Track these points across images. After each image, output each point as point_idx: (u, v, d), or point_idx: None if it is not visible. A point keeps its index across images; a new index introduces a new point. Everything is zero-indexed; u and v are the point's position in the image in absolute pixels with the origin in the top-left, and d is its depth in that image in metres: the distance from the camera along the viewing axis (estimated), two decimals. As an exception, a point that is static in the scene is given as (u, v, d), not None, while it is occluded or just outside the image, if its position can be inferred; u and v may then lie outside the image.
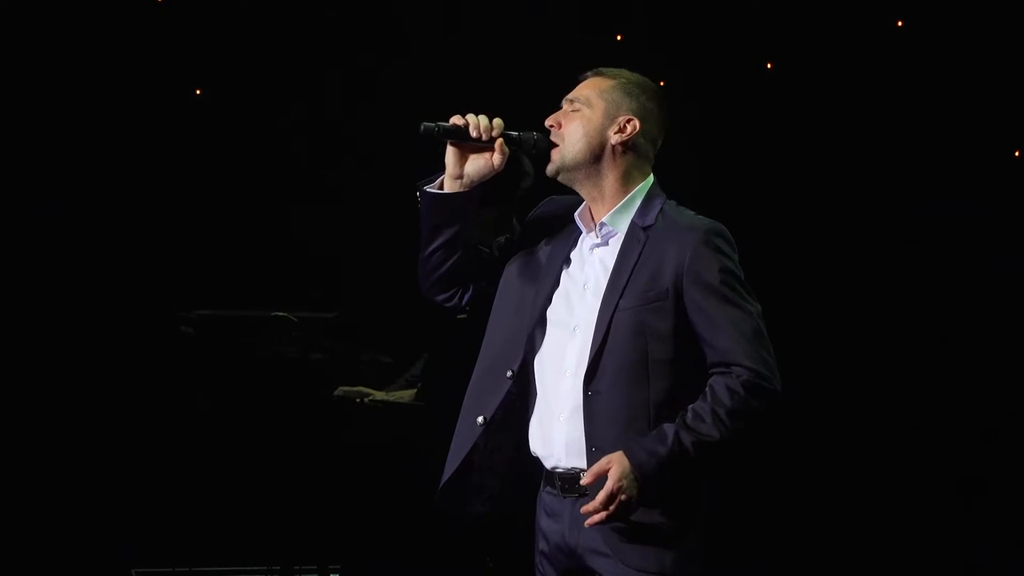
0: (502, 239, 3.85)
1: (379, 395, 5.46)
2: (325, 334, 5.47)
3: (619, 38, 6.94)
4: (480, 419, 3.68)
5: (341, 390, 5.41)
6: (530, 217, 3.85)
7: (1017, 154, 6.99)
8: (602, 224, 3.70)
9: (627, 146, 3.69)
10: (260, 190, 6.77)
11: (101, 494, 6.52)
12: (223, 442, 5.58)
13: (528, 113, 3.91)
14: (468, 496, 3.73)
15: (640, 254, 3.62)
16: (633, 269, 3.61)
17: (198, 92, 6.83)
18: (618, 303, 3.59)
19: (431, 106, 6.59)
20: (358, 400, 5.39)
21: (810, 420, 6.69)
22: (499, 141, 3.71)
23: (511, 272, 3.78)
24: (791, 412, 6.31)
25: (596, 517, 3.49)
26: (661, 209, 3.68)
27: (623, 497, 3.48)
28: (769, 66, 7.07)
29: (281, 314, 5.38)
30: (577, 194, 3.76)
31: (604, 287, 3.63)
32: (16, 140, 6.61)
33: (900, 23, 6.96)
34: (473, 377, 3.77)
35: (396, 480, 5.33)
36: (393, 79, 6.84)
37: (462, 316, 5.35)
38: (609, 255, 3.68)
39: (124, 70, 6.67)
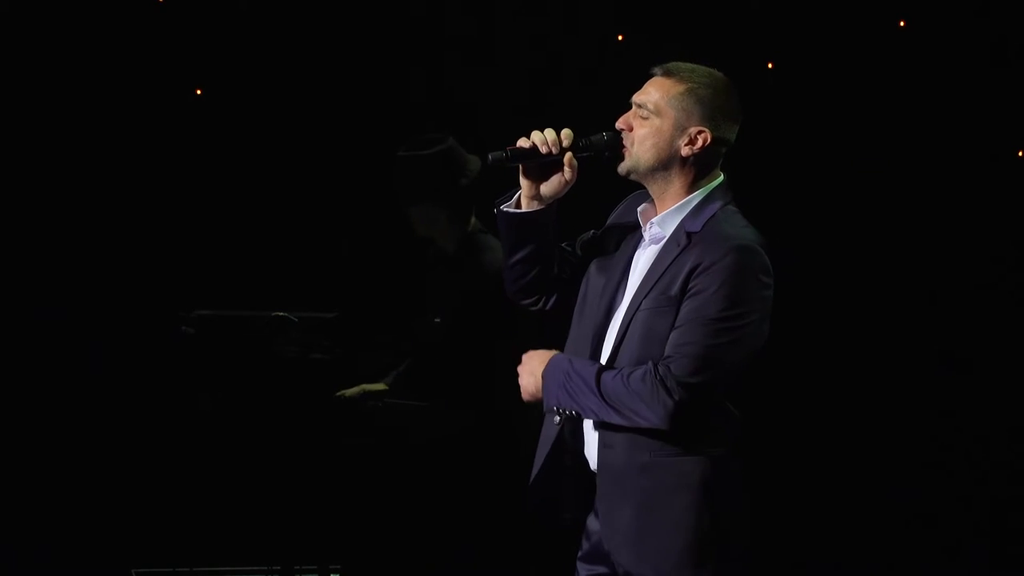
0: (588, 236, 3.86)
1: (377, 387, 5.46)
2: (325, 334, 5.46)
3: (620, 38, 6.93)
4: (557, 418, 3.69)
5: (343, 394, 5.41)
6: (616, 211, 3.86)
7: (1021, 154, 6.98)
8: (651, 224, 3.70)
9: (698, 156, 3.68)
10: (260, 190, 6.76)
11: (101, 494, 6.51)
12: (223, 442, 5.57)
13: (529, 118, 3.90)
14: (559, 502, 3.74)
15: (673, 260, 3.62)
16: (662, 274, 3.62)
17: (198, 92, 6.82)
18: (640, 305, 3.62)
19: (432, 106, 6.67)
20: (369, 402, 5.39)
21: (824, 424, 6.71)
22: (568, 156, 3.68)
23: (591, 270, 3.79)
24: (805, 416, 6.38)
25: None
26: (713, 215, 3.67)
27: (521, 381, 3.66)
28: (770, 65, 7.06)
29: (281, 314, 5.38)
30: None
31: (635, 289, 3.66)
32: (16, 140, 6.60)
33: (902, 23, 6.95)
34: None
35: (396, 480, 5.33)
36: (394, 78, 6.83)
37: (437, 320, 5.37)
38: (653, 256, 3.68)
39: (124, 70, 6.67)
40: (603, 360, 3.64)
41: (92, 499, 6.51)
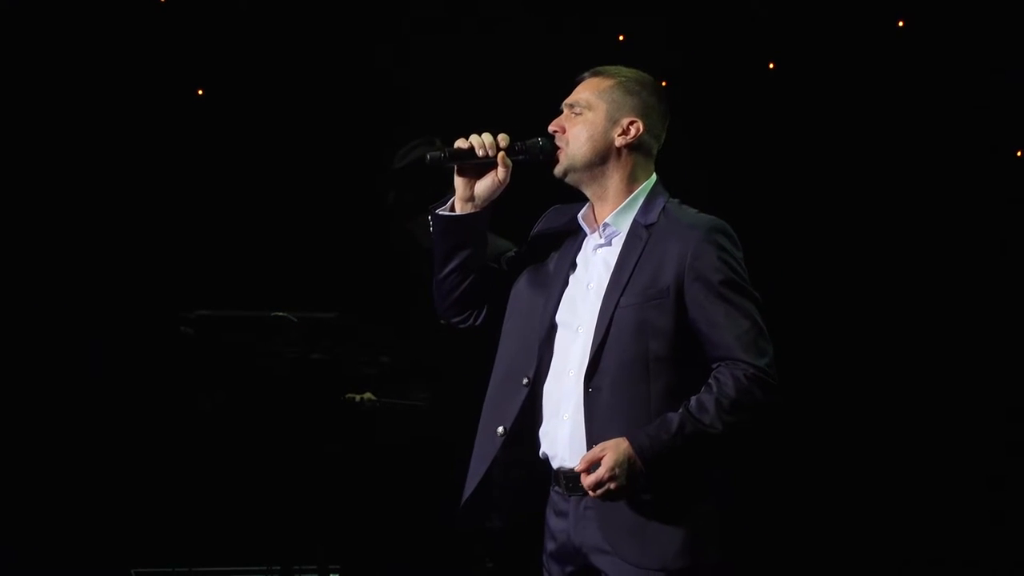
0: (512, 252, 3.89)
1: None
2: (325, 334, 5.46)
3: (621, 38, 6.94)
4: (500, 429, 3.71)
5: (349, 397, 5.41)
6: (536, 227, 3.89)
7: (1020, 154, 6.98)
8: (605, 224, 3.72)
9: (632, 147, 3.72)
10: (261, 190, 6.77)
11: (101, 494, 6.51)
12: (223, 442, 5.57)
13: (533, 118, 3.92)
14: (488, 512, 3.76)
15: (642, 252, 3.65)
16: (635, 267, 3.64)
17: (200, 92, 6.83)
18: (619, 300, 3.62)
19: (432, 107, 6.67)
20: (368, 403, 5.39)
21: (817, 417, 6.71)
22: (501, 155, 3.73)
23: (521, 283, 3.81)
24: (799, 409, 6.39)
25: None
26: (664, 207, 3.70)
27: (612, 486, 3.52)
28: (771, 66, 7.06)
29: (281, 314, 5.38)
30: (580, 202, 3.80)
31: (606, 285, 3.65)
32: (17, 140, 6.61)
33: (902, 23, 6.95)
34: (489, 388, 3.80)
35: (396, 481, 5.32)
36: (393, 79, 6.84)
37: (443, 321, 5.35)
38: (612, 254, 3.70)
39: (126, 70, 6.67)
40: (588, 355, 3.62)
41: (92, 499, 6.52)
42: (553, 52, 6.76)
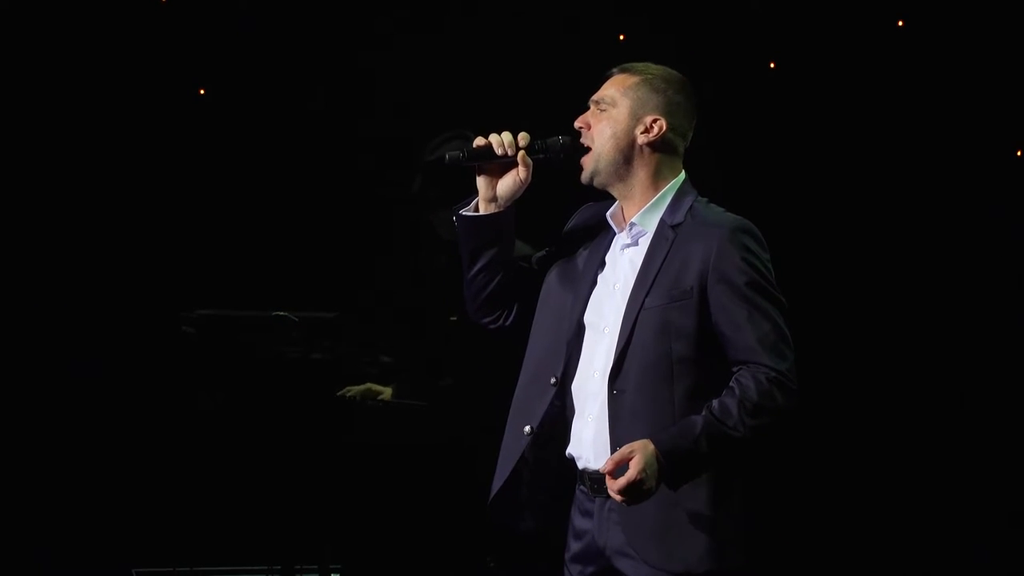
0: (543, 251, 3.87)
1: (387, 393, 5.46)
2: (325, 334, 5.46)
3: (621, 38, 6.94)
4: (527, 428, 3.70)
5: (349, 391, 5.41)
6: (568, 225, 3.87)
7: (1020, 153, 6.98)
8: (632, 224, 3.71)
9: (655, 145, 3.70)
10: (262, 190, 6.77)
11: (101, 494, 6.52)
12: (223, 442, 5.57)
13: (538, 118, 3.92)
14: (521, 511, 3.74)
15: (668, 252, 3.63)
16: (660, 268, 3.62)
17: (201, 92, 6.84)
18: (644, 301, 3.61)
19: (433, 107, 6.67)
20: (370, 401, 5.39)
21: (842, 422, 6.72)
22: (521, 154, 3.71)
23: (551, 281, 3.79)
24: (824, 413, 6.40)
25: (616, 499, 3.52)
26: (691, 207, 3.69)
27: (643, 488, 3.49)
28: (772, 66, 7.07)
29: (281, 314, 5.38)
30: (612, 199, 3.78)
31: (631, 286, 3.65)
32: (18, 139, 6.61)
33: (901, 23, 6.96)
34: (517, 387, 3.79)
35: (396, 480, 5.33)
36: (396, 79, 6.84)
37: (454, 318, 5.35)
38: (638, 254, 3.69)
39: (127, 69, 6.68)
40: (612, 356, 3.61)
41: (92, 499, 6.52)
42: (552, 52, 6.77)
